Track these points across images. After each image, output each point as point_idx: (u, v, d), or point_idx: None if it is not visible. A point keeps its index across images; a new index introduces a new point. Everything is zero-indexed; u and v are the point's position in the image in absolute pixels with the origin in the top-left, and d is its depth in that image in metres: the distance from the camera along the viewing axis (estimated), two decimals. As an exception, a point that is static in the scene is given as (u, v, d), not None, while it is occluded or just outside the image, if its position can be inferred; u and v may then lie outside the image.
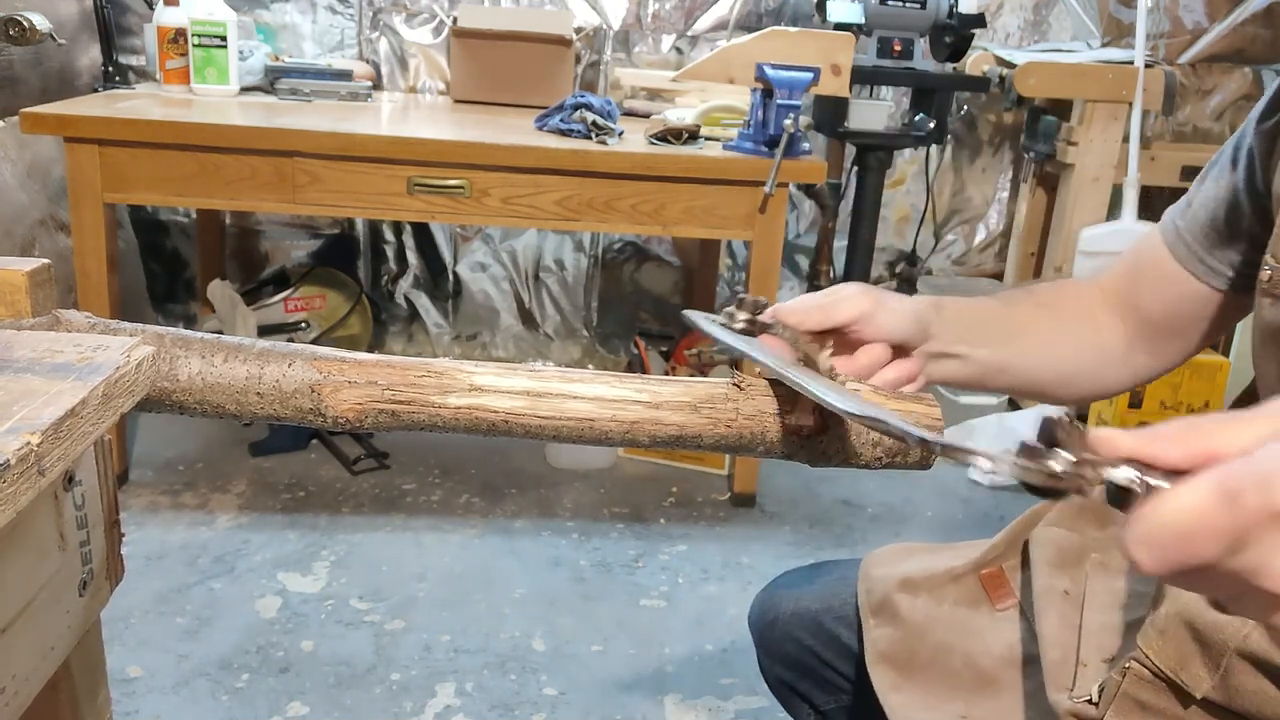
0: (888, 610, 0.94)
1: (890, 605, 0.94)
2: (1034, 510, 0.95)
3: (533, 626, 1.87)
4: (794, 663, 1.03)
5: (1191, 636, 0.69)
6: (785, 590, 1.07)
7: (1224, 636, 0.67)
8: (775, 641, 1.04)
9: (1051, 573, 0.87)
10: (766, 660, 1.07)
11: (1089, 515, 0.91)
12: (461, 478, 2.40)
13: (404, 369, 0.59)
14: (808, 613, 1.02)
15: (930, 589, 0.94)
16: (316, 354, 0.59)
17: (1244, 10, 2.82)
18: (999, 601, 0.91)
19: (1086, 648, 0.80)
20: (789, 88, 2.00)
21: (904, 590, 0.94)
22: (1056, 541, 0.89)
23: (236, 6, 2.35)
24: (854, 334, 0.76)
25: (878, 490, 2.48)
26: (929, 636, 0.91)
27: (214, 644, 1.76)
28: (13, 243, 2.23)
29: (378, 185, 2.02)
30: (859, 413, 0.53)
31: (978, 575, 0.93)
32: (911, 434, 0.49)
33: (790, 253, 3.01)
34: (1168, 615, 0.70)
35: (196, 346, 0.58)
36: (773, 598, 1.06)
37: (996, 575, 0.93)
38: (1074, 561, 0.88)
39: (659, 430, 0.61)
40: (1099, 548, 0.89)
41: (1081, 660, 0.79)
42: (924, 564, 0.96)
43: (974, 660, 0.88)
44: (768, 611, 1.06)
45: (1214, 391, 2.46)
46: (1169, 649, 0.70)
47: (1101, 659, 0.79)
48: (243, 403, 0.58)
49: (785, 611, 1.04)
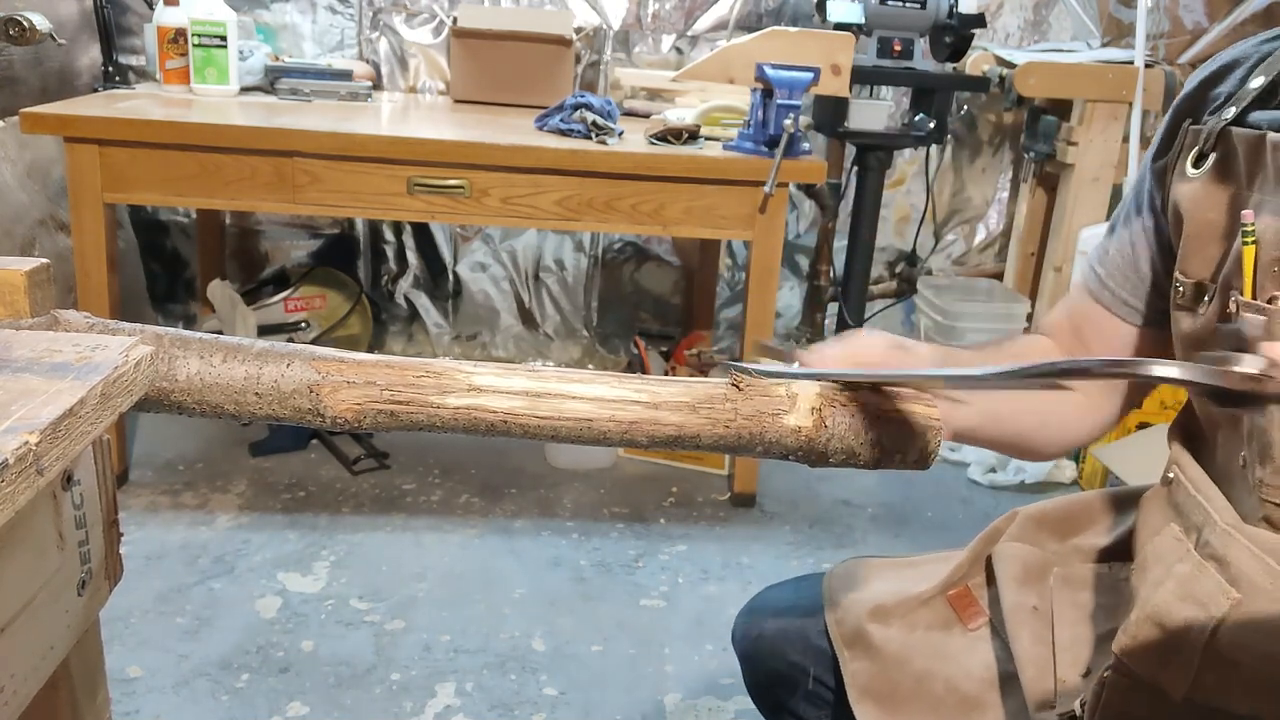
0: (861, 642, 0.95)
1: (864, 637, 0.95)
2: (994, 526, 0.96)
3: (533, 626, 1.87)
4: (780, 678, 1.03)
5: (1163, 636, 0.70)
6: (768, 606, 1.07)
7: (1193, 634, 0.69)
8: (761, 657, 1.04)
9: (1018, 589, 0.89)
10: (752, 677, 1.07)
11: (1048, 529, 0.93)
12: (461, 478, 2.40)
13: (403, 369, 0.59)
14: (792, 628, 1.03)
15: (901, 615, 0.95)
16: (315, 354, 0.59)
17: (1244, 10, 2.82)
18: (970, 621, 0.93)
19: (1062, 663, 0.82)
20: (789, 88, 2.00)
21: (875, 620, 0.95)
22: (1020, 557, 0.91)
23: (236, 6, 2.35)
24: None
25: (878, 490, 2.48)
26: (907, 666, 0.92)
27: (214, 644, 1.76)
28: (13, 243, 2.23)
29: (378, 185, 2.02)
30: (1010, 370, 0.53)
31: (945, 597, 0.95)
32: (1085, 362, 0.50)
33: (790, 253, 3.01)
34: (1139, 619, 0.72)
35: (195, 347, 0.58)
36: (756, 614, 1.07)
37: (964, 595, 0.94)
38: (1038, 576, 0.89)
39: (658, 430, 0.61)
40: (1060, 561, 0.90)
41: (1059, 676, 0.81)
42: (891, 587, 0.97)
43: (955, 685, 0.89)
44: (751, 628, 1.06)
45: (1214, 391, 2.46)
46: (1143, 654, 0.71)
47: (1078, 673, 0.81)
48: (241, 403, 0.58)
49: (770, 628, 1.04)
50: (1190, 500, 0.76)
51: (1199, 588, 0.70)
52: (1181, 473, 0.79)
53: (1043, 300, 2.76)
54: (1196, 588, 0.70)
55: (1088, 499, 0.96)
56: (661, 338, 3.01)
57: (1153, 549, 0.77)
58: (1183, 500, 0.77)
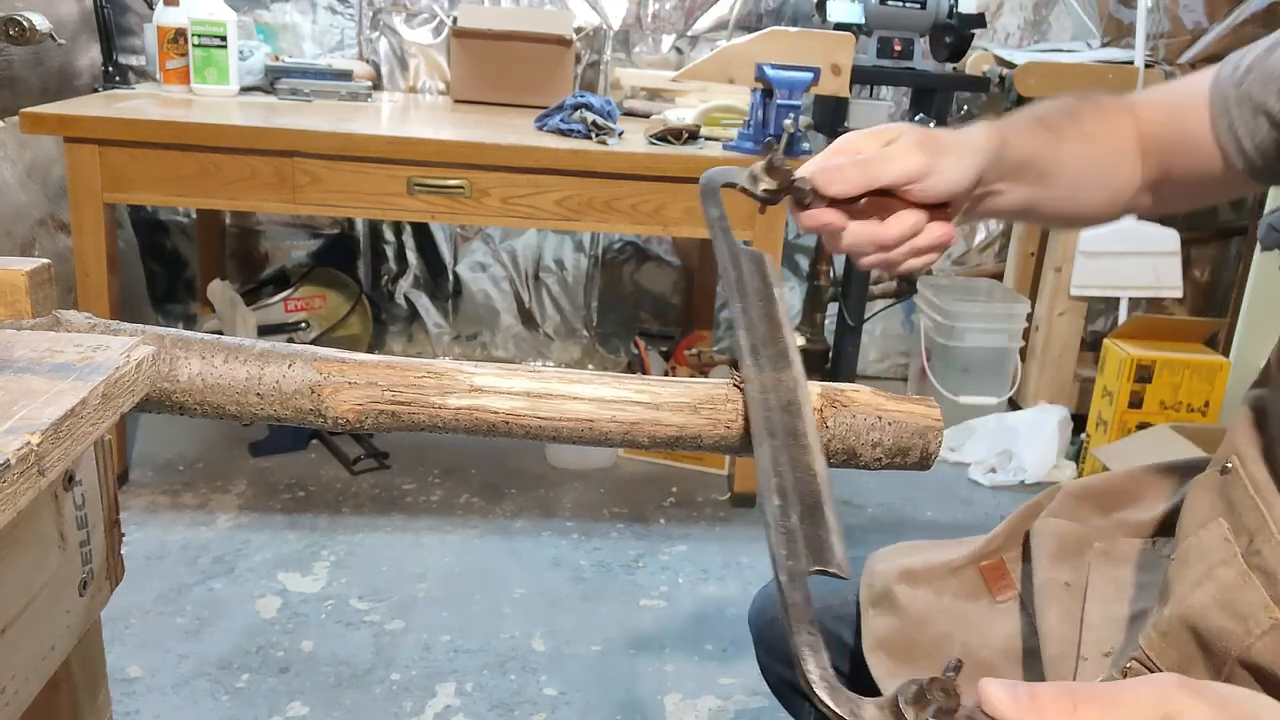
0: (887, 601, 0.93)
1: (890, 596, 0.93)
2: (1035, 501, 0.93)
3: (533, 626, 1.87)
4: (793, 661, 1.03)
5: (1194, 641, 0.67)
6: None
7: (1227, 644, 0.65)
8: (774, 640, 1.04)
9: (1052, 565, 0.85)
10: (766, 658, 1.06)
11: (1091, 503, 0.90)
12: (461, 478, 2.40)
13: (404, 370, 0.59)
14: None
15: (930, 580, 0.93)
16: (316, 355, 0.59)
17: (1244, 10, 2.82)
18: (999, 593, 0.90)
19: (1086, 642, 0.79)
20: (789, 88, 2.00)
21: (904, 581, 0.93)
22: (1058, 533, 0.88)
23: (236, 6, 2.35)
24: (901, 194, 0.70)
25: (878, 490, 2.48)
26: (928, 627, 0.90)
27: (214, 644, 1.76)
28: (13, 243, 2.23)
29: (378, 185, 2.02)
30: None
31: (977, 567, 0.92)
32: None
33: (790, 253, 3.01)
34: (1171, 617, 0.69)
35: (196, 347, 0.58)
36: (772, 595, 1.06)
37: (997, 566, 0.92)
38: (1074, 552, 0.86)
39: (659, 431, 0.61)
40: (1102, 536, 0.87)
41: (1081, 655, 0.78)
42: (926, 557, 0.95)
43: (972, 651, 0.87)
44: (766, 610, 1.05)
45: (1214, 392, 2.46)
46: (1170, 652, 0.68)
47: (1101, 653, 0.77)
48: (243, 403, 0.58)
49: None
50: (1246, 500, 0.70)
51: (1241, 600, 0.66)
52: (1241, 467, 0.72)
53: (1043, 300, 2.76)
54: (1238, 599, 0.66)
55: (1136, 473, 0.91)
56: (661, 338, 3.01)
57: (1196, 543, 0.71)
58: (1238, 498, 0.71)
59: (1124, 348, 2.47)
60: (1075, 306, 2.72)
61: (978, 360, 2.73)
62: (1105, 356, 2.53)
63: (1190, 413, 2.47)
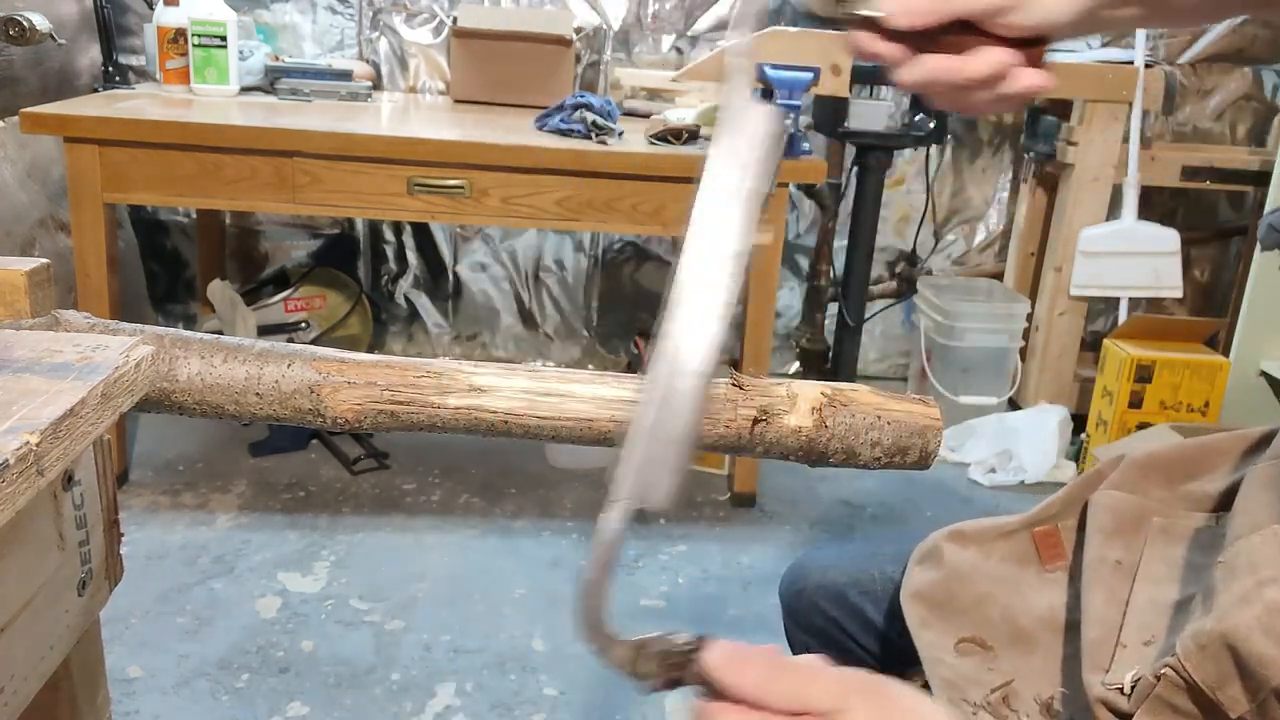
0: (932, 557, 0.90)
1: (936, 552, 0.90)
2: (1097, 469, 0.89)
3: (532, 626, 1.87)
4: (819, 633, 1.02)
5: (1232, 660, 0.63)
6: (815, 561, 1.05)
7: (1267, 673, 0.61)
8: (802, 611, 1.03)
9: (1105, 542, 0.81)
10: (793, 629, 1.06)
11: (1156, 474, 0.85)
12: (461, 478, 2.40)
13: (403, 369, 0.59)
14: (834, 585, 1.01)
15: (980, 541, 0.90)
16: (316, 354, 0.59)
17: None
18: (1049, 562, 0.88)
19: (1129, 627, 0.75)
20: (789, 88, 2.00)
21: (953, 540, 0.90)
22: (1115, 506, 0.83)
23: (236, 6, 2.35)
24: (986, 27, 0.60)
25: (878, 490, 2.48)
26: (970, 585, 0.87)
27: (214, 644, 1.76)
28: (13, 243, 2.23)
29: (378, 185, 2.02)
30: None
31: (1030, 532, 0.89)
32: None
33: (790, 253, 3.01)
34: (1210, 633, 0.64)
35: (196, 347, 0.58)
36: (803, 567, 1.05)
37: (1050, 534, 0.88)
38: (1131, 528, 0.81)
39: (658, 430, 0.61)
40: (1162, 510, 0.82)
41: (1121, 641, 0.74)
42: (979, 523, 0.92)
43: (1013, 616, 0.85)
44: (796, 581, 1.05)
45: (1214, 392, 2.46)
46: (1207, 666, 0.64)
47: (1142, 641, 0.73)
48: (242, 403, 0.58)
49: (813, 582, 1.02)
50: None
51: None
52: None
53: (1043, 300, 2.76)
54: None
55: (1209, 441, 0.86)
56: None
57: (1246, 547, 0.66)
58: None
59: (1124, 348, 2.47)
60: (1075, 306, 2.72)
61: (978, 360, 2.73)
62: (1105, 356, 2.53)
63: (1190, 413, 2.47)
